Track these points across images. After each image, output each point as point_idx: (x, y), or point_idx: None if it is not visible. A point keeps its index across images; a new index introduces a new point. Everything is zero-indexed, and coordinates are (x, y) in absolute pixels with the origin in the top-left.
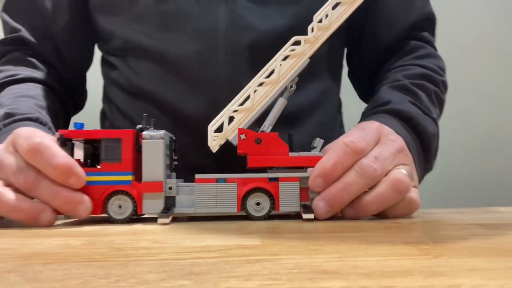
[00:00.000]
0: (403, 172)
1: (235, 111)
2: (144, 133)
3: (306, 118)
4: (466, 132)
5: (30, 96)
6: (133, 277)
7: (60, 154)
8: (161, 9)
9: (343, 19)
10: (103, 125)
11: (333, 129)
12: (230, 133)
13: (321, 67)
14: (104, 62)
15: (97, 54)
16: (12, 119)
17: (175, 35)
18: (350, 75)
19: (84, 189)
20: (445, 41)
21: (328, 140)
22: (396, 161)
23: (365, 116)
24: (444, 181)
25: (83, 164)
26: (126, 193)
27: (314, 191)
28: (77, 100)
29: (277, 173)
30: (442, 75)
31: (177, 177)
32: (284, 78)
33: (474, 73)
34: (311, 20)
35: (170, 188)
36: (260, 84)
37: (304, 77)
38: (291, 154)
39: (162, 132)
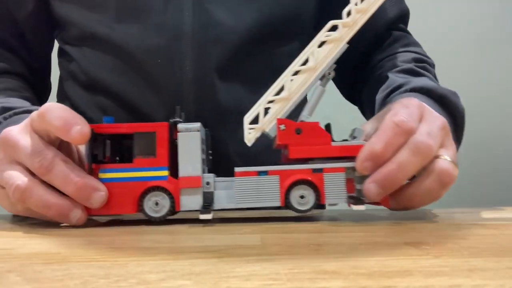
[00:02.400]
0: (448, 160)
1: (270, 101)
2: (180, 125)
3: None
4: (467, 132)
5: (12, 90)
6: (133, 277)
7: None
8: None
9: (382, 1)
10: None
11: None
12: (267, 125)
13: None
14: (61, 53)
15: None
16: (12, 112)
17: (135, 27)
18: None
19: (118, 186)
20: (446, 40)
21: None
22: (442, 138)
23: (388, 100)
24: None
25: (111, 161)
26: (162, 189)
27: (362, 174)
28: (44, 90)
29: (322, 163)
30: (430, 58)
31: None
32: (322, 64)
33: (474, 73)
34: (278, 13)
35: (208, 183)
36: (296, 73)
37: (268, 75)
38: (334, 143)
39: (198, 124)
